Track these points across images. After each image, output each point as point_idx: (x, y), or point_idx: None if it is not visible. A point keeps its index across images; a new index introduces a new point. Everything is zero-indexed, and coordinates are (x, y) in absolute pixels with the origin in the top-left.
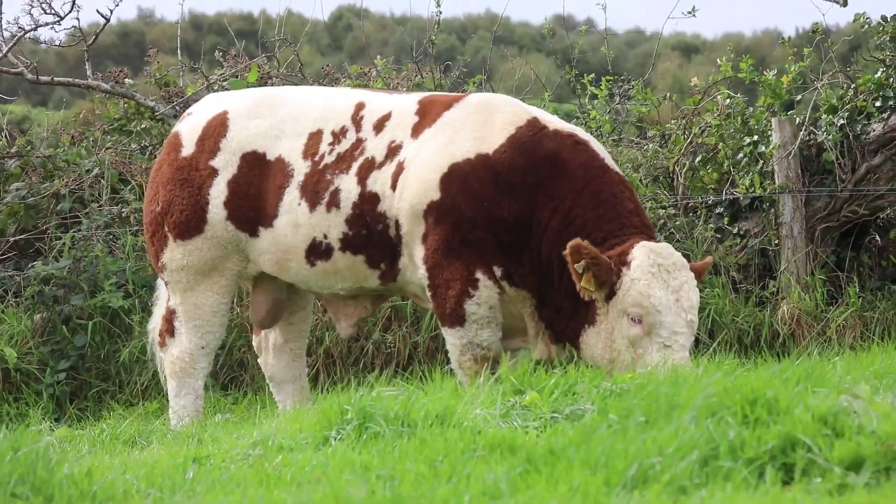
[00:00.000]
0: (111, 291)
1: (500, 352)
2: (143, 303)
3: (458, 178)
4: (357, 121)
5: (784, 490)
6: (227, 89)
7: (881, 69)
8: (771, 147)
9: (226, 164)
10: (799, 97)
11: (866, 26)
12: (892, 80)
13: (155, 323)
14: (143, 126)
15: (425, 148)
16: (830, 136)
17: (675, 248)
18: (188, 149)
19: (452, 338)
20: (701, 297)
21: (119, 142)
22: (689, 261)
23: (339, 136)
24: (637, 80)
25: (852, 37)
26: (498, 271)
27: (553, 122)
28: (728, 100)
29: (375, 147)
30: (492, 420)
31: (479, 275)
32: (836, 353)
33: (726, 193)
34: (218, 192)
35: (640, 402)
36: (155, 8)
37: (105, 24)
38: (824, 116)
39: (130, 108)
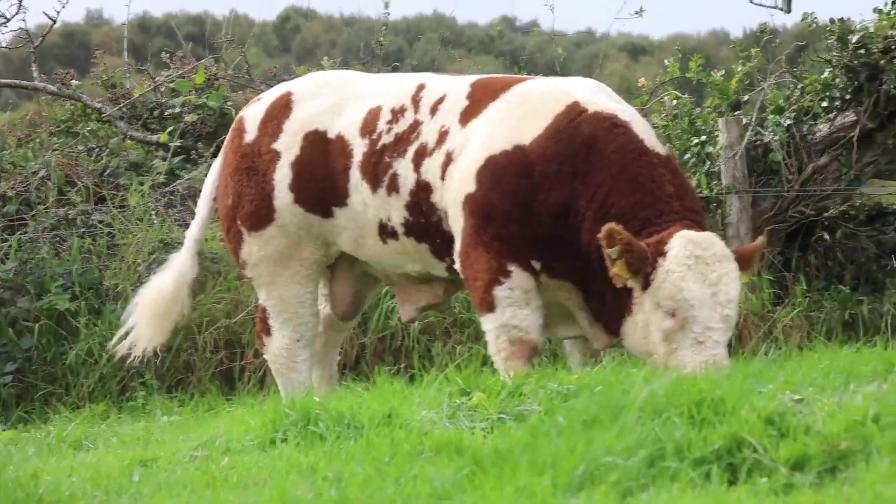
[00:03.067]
0: (58, 294)
1: (540, 340)
2: (89, 305)
3: (493, 172)
4: (416, 101)
5: (730, 490)
6: (174, 91)
7: (827, 69)
8: (718, 147)
9: (288, 145)
10: (746, 97)
11: (814, 25)
12: (838, 80)
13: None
14: (89, 128)
15: (470, 139)
16: (777, 137)
17: None
18: (251, 134)
19: (486, 325)
20: None
21: (66, 144)
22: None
23: (397, 114)
24: None
25: (804, 42)
26: (537, 264)
27: (596, 102)
28: (675, 100)
29: (429, 131)
30: (438, 421)
31: (512, 267)
32: (784, 354)
33: None
34: (282, 176)
35: (587, 402)
36: (103, 9)
37: (52, 26)
38: (771, 117)
39: (77, 110)
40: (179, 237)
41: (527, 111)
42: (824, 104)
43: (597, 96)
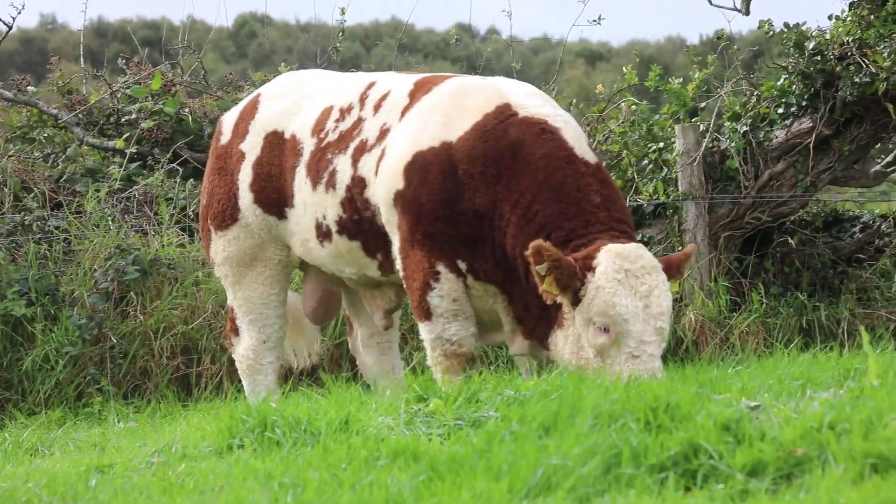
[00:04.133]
0: (14, 300)
1: (475, 348)
2: (45, 311)
3: (420, 168)
4: (362, 99)
5: (686, 496)
6: (130, 97)
7: (784, 76)
8: (675, 154)
9: (252, 146)
10: (703, 104)
11: (770, 33)
12: (794, 86)
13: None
14: (45, 134)
15: (401, 134)
16: (733, 143)
17: None
18: (226, 136)
19: (423, 332)
20: None
21: (22, 150)
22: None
23: (344, 113)
24: (542, 87)
25: (757, 47)
26: (462, 265)
27: (527, 106)
28: (633, 107)
29: (371, 128)
30: (395, 427)
31: (440, 267)
32: (741, 360)
33: (630, 200)
34: (245, 176)
35: (543, 408)
36: (56, 13)
37: (7, 32)
38: (727, 123)
39: (33, 116)
40: (136, 243)
41: (457, 107)
42: (780, 111)
43: (531, 100)
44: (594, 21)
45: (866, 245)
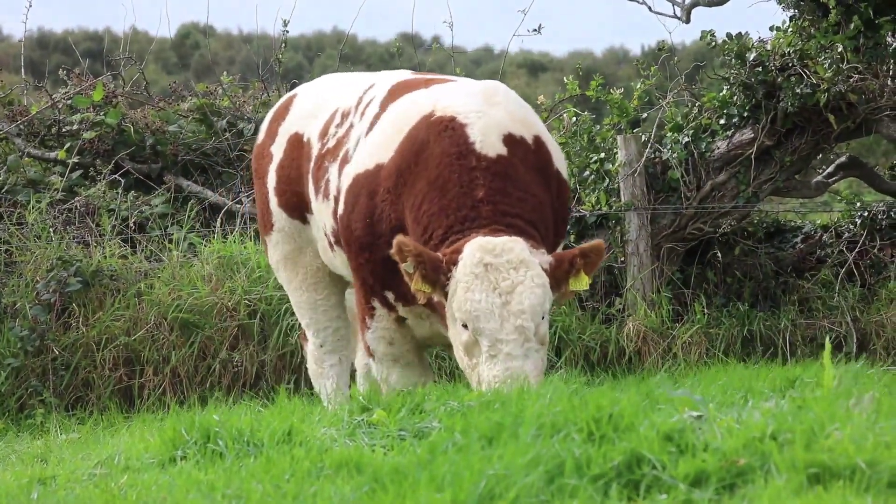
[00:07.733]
0: None
1: (422, 383)
2: None
3: (354, 193)
4: (358, 103)
5: None
6: (71, 108)
7: (725, 87)
8: (617, 165)
9: (279, 147)
10: (645, 115)
11: (713, 44)
12: (736, 97)
13: None
14: None
15: (358, 152)
16: (675, 154)
17: None
18: (260, 136)
19: (372, 369)
20: None
21: None
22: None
23: (344, 117)
24: None
25: (703, 61)
26: (390, 295)
27: (448, 106)
28: (575, 118)
29: (354, 137)
30: (339, 438)
31: (374, 303)
32: (683, 371)
33: (573, 211)
34: (271, 180)
35: (486, 419)
36: (2, 25)
37: None
38: (669, 134)
39: None
40: (78, 254)
41: (397, 127)
42: (722, 121)
43: (461, 99)
44: (534, 31)
45: (808, 256)
